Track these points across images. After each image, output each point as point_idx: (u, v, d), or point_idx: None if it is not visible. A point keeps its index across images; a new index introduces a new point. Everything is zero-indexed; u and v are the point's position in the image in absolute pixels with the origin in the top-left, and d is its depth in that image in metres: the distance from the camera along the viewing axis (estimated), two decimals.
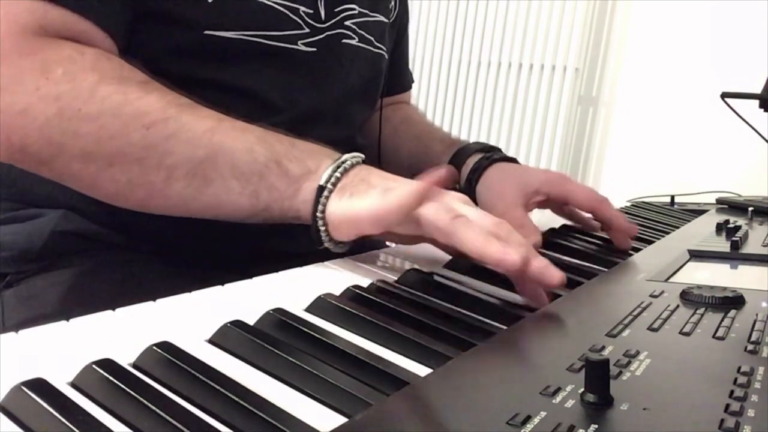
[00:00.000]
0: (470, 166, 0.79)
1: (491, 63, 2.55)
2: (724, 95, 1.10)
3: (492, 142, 0.99)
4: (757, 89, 1.07)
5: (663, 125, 2.19)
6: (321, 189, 0.53)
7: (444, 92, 2.66)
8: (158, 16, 0.61)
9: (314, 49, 0.69)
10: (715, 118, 1.41)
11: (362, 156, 0.56)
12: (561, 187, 0.74)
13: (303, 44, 0.68)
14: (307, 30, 0.69)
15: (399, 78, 0.96)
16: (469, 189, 0.78)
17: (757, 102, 1.07)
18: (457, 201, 0.52)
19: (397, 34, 0.91)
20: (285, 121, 0.68)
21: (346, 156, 0.55)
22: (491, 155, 0.79)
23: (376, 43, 0.79)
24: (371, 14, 0.78)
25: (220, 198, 0.55)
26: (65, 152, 0.53)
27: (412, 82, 1.02)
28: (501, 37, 2.52)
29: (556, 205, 0.78)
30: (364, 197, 0.51)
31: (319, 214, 0.53)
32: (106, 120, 0.52)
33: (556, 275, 0.48)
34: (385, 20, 0.82)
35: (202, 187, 0.55)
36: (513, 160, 0.81)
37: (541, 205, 0.76)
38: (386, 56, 0.83)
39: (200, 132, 0.54)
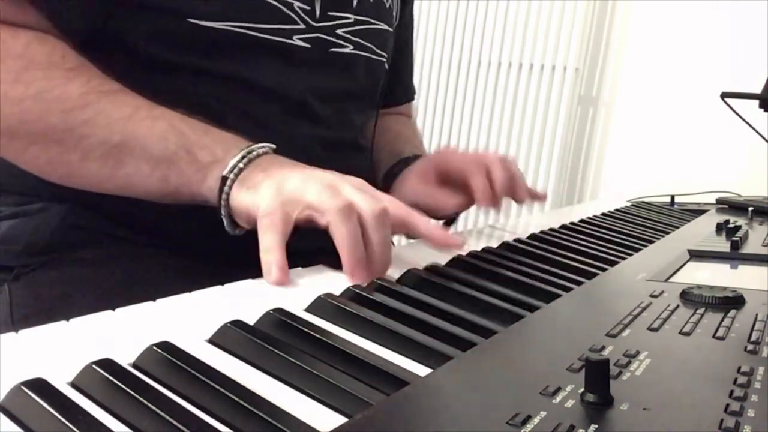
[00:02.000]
0: (383, 174, 0.85)
1: (491, 63, 2.55)
2: (724, 95, 1.11)
3: (492, 142, 1.01)
4: (757, 89, 1.07)
5: (663, 125, 2.19)
6: (224, 179, 0.56)
7: (444, 92, 2.66)
8: (140, 2, 0.62)
9: (308, 46, 0.70)
10: (715, 118, 1.41)
11: (272, 146, 0.59)
12: (443, 156, 0.80)
13: (299, 39, 0.69)
14: (302, 26, 0.69)
15: (399, 88, 0.97)
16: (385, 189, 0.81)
17: (757, 102, 1.07)
18: (348, 187, 0.54)
19: (399, 43, 0.90)
20: (278, 112, 0.70)
21: (254, 146, 0.57)
22: (408, 158, 0.84)
23: (378, 51, 0.80)
24: (374, 22, 0.78)
25: (131, 179, 0.59)
26: None
27: (414, 94, 1.02)
28: (501, 37, 2.52)
29: (449, 180, 0.79)
30: (256, 192, 0.54)
31: (223, 202, 0.56)
32: (28, 104, 0.56)
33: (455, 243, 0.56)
34: (389, 29, 0.82)
35: (115, 169, 0.58)
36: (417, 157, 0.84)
37: (442, 186, 0.78)
38: (386, 63, 0.83)
39: (116, 118, 0.57)
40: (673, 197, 1.21)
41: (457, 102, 2.62)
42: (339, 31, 0.73)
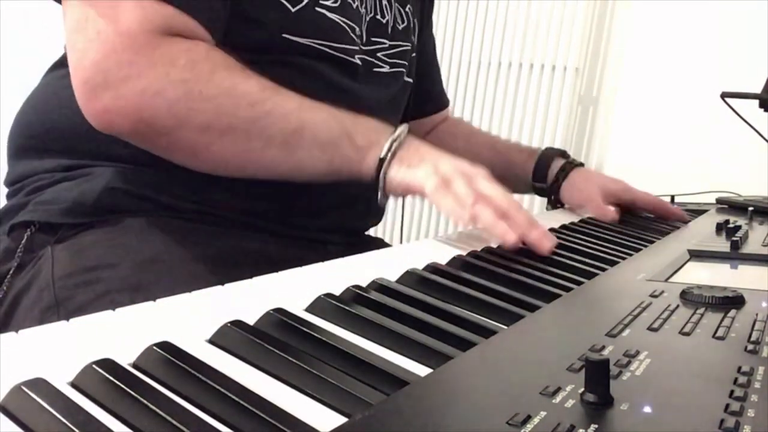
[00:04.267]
0: (554, 170, 1.02)
1: (491, 63, 2.55)
2: (724, 95, 1.10)
3: None
4: (757, 89, 1.07)
5: (663, 125, 2.19)
6: (382, 160, 0.68)
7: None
8: (244, 17, 0.71)
9: (361, 64, 0.81)
10: (715, 118, 1.41)
11: (408, 126, 0.71)
12: (629, 194, 1.00)
13: (357, 58, 0.81)
14: (357, 48, 0.81)
15: (439, 97, 1.15)
16: (554, 187, 1.01)
17: (757, 102, 1.07)
18: (483, 181, 0.67)
19: (424, 56, 1.04)
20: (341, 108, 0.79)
21: (398, 130, 0.69)
22: (572, 160, 1.03)
23: (406, 69, 0.92)
24: (402, 45, 0.90)
25: (303, 163, 0.68)
26: (186, 125, 0.65)
27: (448, 100, 1.19)
28: (501, 37, 2.52)
29: (625, 207, 0.99)
30: (417, 170, 0.67)
31: (381, 178, 0.68)
32: (221, 100, 0.65)
33: (546, 246, 0.64)
34: (411, 46, 0.93)
35: (291, 154, 0.68)
36: (581, 164, 1.05)
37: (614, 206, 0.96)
38: (410, 80, 0.94)
39: (290, 109, 0.67)
40: (673, 197, 1.21)
41: (457, 102, 2.62)
42: (379, 54, 0.86)
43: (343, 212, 0.82)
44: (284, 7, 0.72)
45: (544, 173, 1.03)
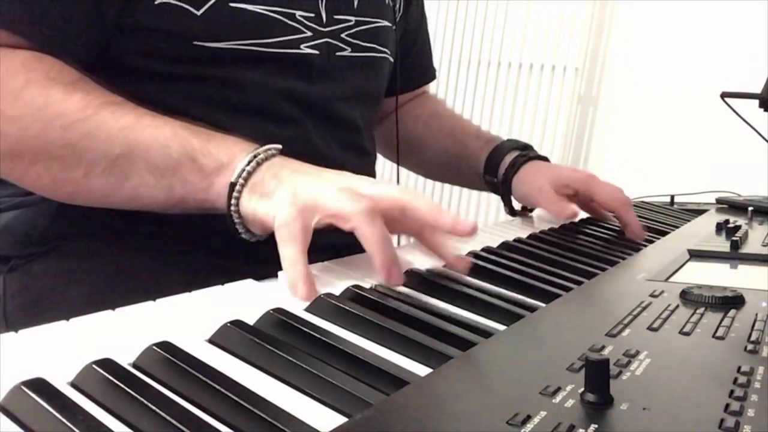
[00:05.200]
0: (507, 163, 0.87)
1: (491, 63, 2.55)
2: (724, 95, 1.11)
3: None
4: (757, 89, 1.07)
5: (663, 125, 2.19)
6: (233, 185, 0.54)
7: (444, 92, 2.66)
8: (144, 28, 0.62)
9: (317, 52, 0.71)
10: (715, 118, 1.40)
11: (278, 147, 0.57)
12: (588, 185, 0.83)
13: (306, 47, 0.69)
14: (309, 33, 0.70)
15: (419, 74, 1.00)
16: (505, 182, 0.87)
17: (757, 102, 1.07)
18: (365, 185, 0.53)
19: (408, 34, 0.93)
20: (289, 117, 0.70)
21: (260, 149, 0.56)
22: (527, 153, 0.88)
23: (381, 48, 0.80)
24: (374, 20, 0.78)
25: (138, 191, 0.58)
26: None
27: (434, 75, 1.04)
28: (501, 37, 2.52)
29: (583, 201, 0.86)
30: (270, 200, 0.53)
31: (233, 209, 0.55)
32: (27, 122, 0.56)
33: (466, 227, 0.53)
34: (390, 25, 0.83)
35: (120, 181, 0.58)
36: (546, 159, 0.90)
37: (570, 200, 0.84)
38: (391, 59, 0.84)
39: (116, 130, 0.56)
40: (672, 197, 1.21)
41: (457, 101, 2.62)
42: (343, 35, 0.74)
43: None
44: (186, 11, 0.62)
45: (496, 167, 0.89)
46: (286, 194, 0.51)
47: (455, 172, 0.97)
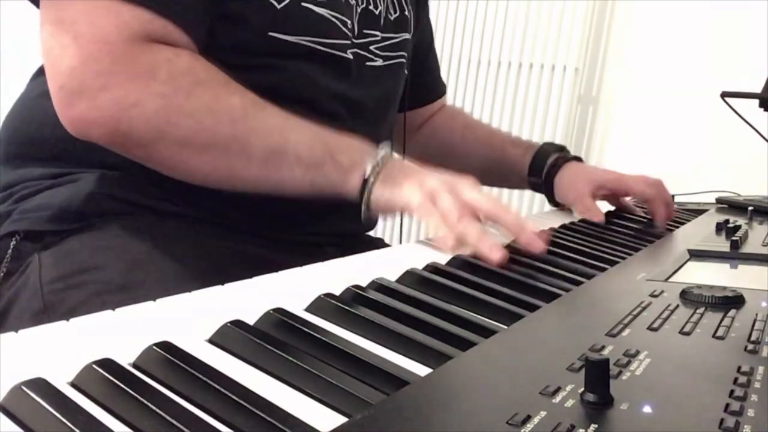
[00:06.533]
0: (549, 164, 0.98)
1: (491, 62, 2.55)
2: (724, 95, 1.11)
3: None
4: (757, 89, 1.07)
5: (663, 125, 2.19)
6: (366, 181, 0.66)
7: None
8: (228, 16, 0.69)
9: (352, 58, 0.79)
10: (715, 118, 1.40)
11: (388, 149, 0.69)
12: (620, 183, 0.96)
13: (350, 52, 0.79)
14: (349, 42, 0.78)
15: (435, 86, 1.12)
16: (547, 182, 0.98)
17: (757, 102, 1.07)
18: (467, 190, 0.65)
19: (421, 46, 1.02)
20: (337, 114, 0.78)
21: (379, 150, 0.68)
22: (565, 155, 1.00)
23: (403, 55, 0.89)
24: (394, 36, 0.87)
25: (285, 182, 0.67)
26: (165, 139, 0.64)
27: (445, 88, 1.16)
28: (501, 37, 2.52)
29: (616, 197, 1.00)
30: (401, 189, 0.66)
31: (365, 198, 0.66)
32: (201, 116, 0.63)
33: (537, 247, 0.64)
34: (408, 36, 0.90)
35: (273, 173, 0.66)
36: (580, 159, 1.01)
37: (605, 198, 0.97)
38: (405, 66, 0.91)
39: (273, 127, 0.66)
40: (672, 197, 1.20)
41: (457, 101, 2.61)
42: (371, 47, 0.83)
43: (337, 216, 0.80)
44: (269, 4, 0.70)
45: (541, 168, 1.00)
46: (415, 184, 0.65)
47: (496, 176, 1.07)
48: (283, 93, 0.71)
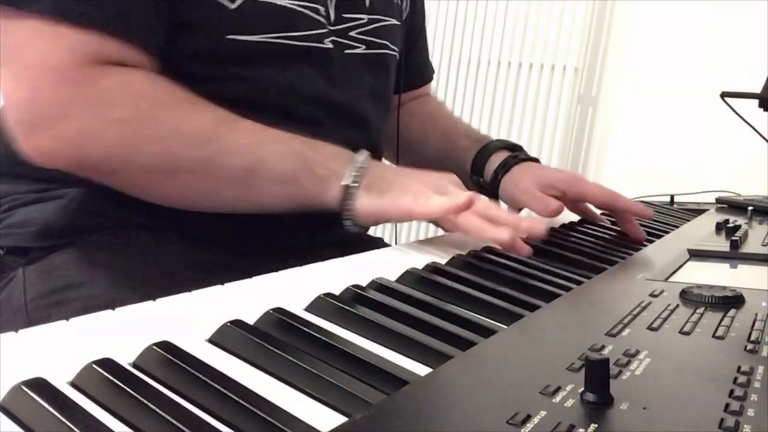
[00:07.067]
0: (496, 163, 0.88)
1: (491, 62, 2.55)
2: (724, 95, 1.11)
3: None
4: (757, 89, 1.07)
5: (663, 125, 2.19)
6: (347, 187, 0.63)
7: (444, 91, 2.66)
8: (181, 24, 0.65)
9: (332, 47, 0.74)
10: (715, 118, 1.41)
11: (367, 151, 0.66)
12: (576, 185, 0.84)
13: (328, 41, 0.73)
14: (326, 30, 0.73)
15: (420, 72, 1.02)
16: (494, 183, 0.87)
17: (756, 102, 1.07)
18: (451, 188, 0.64)
19: (413, 31, 0.95)
20: (315, 119, 0.74)
21: (357, 156, 0.65)
22: (517, 154, 0.88)
23: (391, 46, 0.83)
24: (385, 19, 0.81)
25: (263, 200, 0.65)
26: (131, 167, 0.62)
27: (433, 73, 1.06)
28: (501, 37, 2.52)
29: (572, 202, 0.86)
30: (386, 196, 0.63)
31: (347, 207, 0.63)
32: (169, 141, 0.61)
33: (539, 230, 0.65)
34: (397, 23, 0.85)
35: (248, 192, 0.64)
36: (536, 160, 0.89)
37: (558, 200, 0.83)
38: (397, 57, 0.86)
39: (244, 145, 0.63)
40: (672, 197, 1.21)
41: (456, 101, 2.62)
42: (352, 33, 0.77)
43: (325, 227, 0.72)
44: (220, 5, 0.65)
45: (482, 167, 0.89)
46: (399, 190, 0.63)
47: (448, 170, 0.99)
48: (255, 103, 0.68)
